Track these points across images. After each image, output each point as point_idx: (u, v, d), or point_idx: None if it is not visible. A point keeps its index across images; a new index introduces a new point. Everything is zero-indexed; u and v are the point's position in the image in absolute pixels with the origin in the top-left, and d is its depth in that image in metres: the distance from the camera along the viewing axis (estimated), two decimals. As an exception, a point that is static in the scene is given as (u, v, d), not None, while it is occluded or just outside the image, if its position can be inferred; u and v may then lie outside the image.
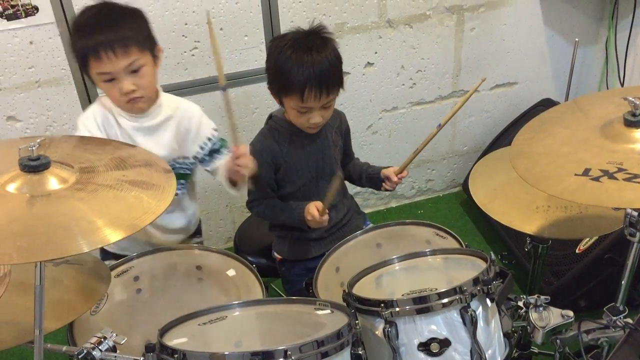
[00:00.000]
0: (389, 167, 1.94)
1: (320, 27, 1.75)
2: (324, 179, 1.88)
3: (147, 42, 1.69)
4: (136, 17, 1.69)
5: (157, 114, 1.77)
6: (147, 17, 1.72)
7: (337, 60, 1.74)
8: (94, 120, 1.74)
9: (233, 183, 1.77)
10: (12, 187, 1.15)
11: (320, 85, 1.66)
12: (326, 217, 1.76)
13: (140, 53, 1.65)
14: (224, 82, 1.64)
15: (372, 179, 1.97)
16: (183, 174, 1.87)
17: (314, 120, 1.73)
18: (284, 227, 1.91)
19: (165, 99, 1.81)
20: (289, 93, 1.70)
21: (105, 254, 1.91)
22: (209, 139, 1.83)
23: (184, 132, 1.81)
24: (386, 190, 1.97)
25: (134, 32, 1.65)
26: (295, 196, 1.85)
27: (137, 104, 1.70)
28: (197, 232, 2.08)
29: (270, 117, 1.89)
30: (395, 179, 1.89)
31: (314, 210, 1.75)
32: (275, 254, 1.98)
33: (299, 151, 1.82)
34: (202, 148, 1.82)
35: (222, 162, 1.82)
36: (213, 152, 1.83)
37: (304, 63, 1.65)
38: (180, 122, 1.80)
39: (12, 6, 2.12)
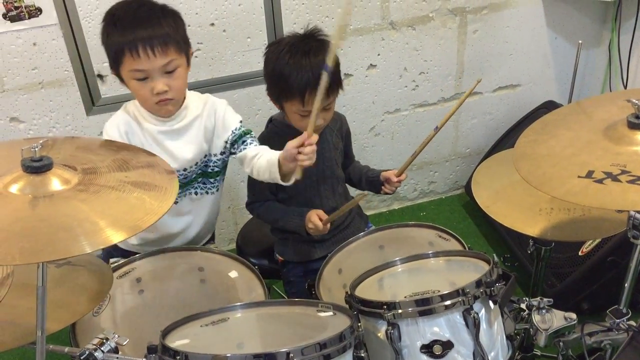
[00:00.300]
0: (388, 170, 1.94)
1: (315, 30, 1.76)
2: (325, 181, 1.89)
3: (185, 44, 1.69)
4: (176, 17, 1.68)
5: (184, 116, 1.75)
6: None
7: (335, 62, 1.74)
8: (117, 129, 1.72)
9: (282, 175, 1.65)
10: (14, 188, 1.15)
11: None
12: (328, 226, 1.76)
13: (177, 54, 1.64)
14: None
15: (372, 182, 1.97)
16: (217, 172, 1.86)
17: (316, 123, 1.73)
18: (286, 229, 1.91)
19: (191, 99, 1.78)
20: (289, 98, 1.70)
21: (114, 249, 1.88)
22: (233, 132, 1.80)
23: (211, 128, 1.79)
24: (386, 193, 1.96)
25: (174, 32, 1.64)
26: (296, 199, 1.85)
27: (167, 106, 1.68)
28: (212, 238, 2.07)
29: (271, 120, 1.89)
30: (395, 179, 1.89)
31: (315, 219, 1.75)
32: (277, 255, 1.98)
33: None
34: (226, 141, 1.80)
35: (251, 151, 1.76)
36: (235, 143, 1.80)
37: (302, 67, 1.66)
38: (208, 119, 1.78)
39: (16, 7, 2.13)
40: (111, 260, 1.82)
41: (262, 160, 1.71)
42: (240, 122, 1.82)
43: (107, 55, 1.66)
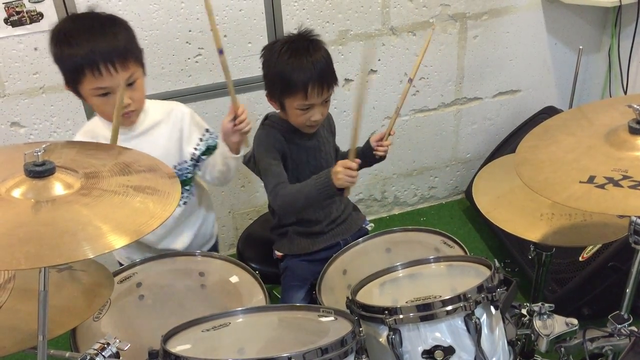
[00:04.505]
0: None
1: (307, 31, 1.81)
2: None
3: (139, 53, 1.66)
4: (127, 27, 1.65)
5: (142, 121, 1.74)
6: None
7: (330, 58, 1.80)
8: (83, 138, 1.74)
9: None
10: (17, 193, 1.14)
11: (322, 81, 1.72)
12: (355, 164, 1.67)
13: (135, 65, 1.62)
14: (220, 45, 1.62)
15: (363, 152, 1.99)
16: (186, 180, 1.84)
17: (315, 118, 1.77)
18: (284, 224, 1.92)
19: (152, 105, 1.78)
20: (292, 93, 1.73)
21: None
22: (200, 139, 1.81)
23: (178, 134, 1.79)
24: (380, 158, 1.96)
25: (130, 43, 1.61)
26: None
27: (130, 118, 1.68)
28: (214, 248, 2.05)
29: (267, 117, 1.90)
30: (392, 132, 1.92)
31: (340, 165, 1.66)
32: (276, 252, 1.97)
33: (298, 149, 1.84)
34: (195, 148, 1.81)
35: (210, 158, 1.83)
36: (208, 150, 1.82)
37: (304, 64, 1.71)
38: (174, 124, 1.78)
39: (17, 12, 2.13)
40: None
41: (211, 158, 1.81)
42: (207, 130, 1.83)
43: (63, 73, 1.62)
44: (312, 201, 1.77)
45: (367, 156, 2.00)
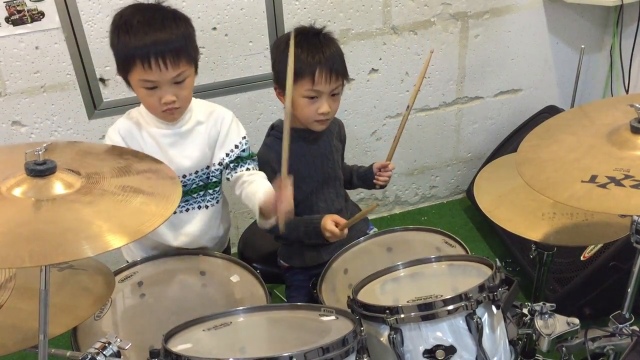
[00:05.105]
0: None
1: (321, 27, 1.80)
2: (329, 184, 1.89)
3: (194, 52, 1.65)
4: (187, 25, 1.63)
5: (188, 119, 1.72)
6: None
7: (341, 51, 1.79)
8: (117, 134, 1.71)
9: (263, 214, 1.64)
10: (18, 191, 1.15)
11: (330, 68, 1.71)
12: (346, 231, 1.73)
13: (187, 65, 1.61)
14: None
15: (363, 176, 2.00)
16: (215, 182, 1.82)
17: (323, 110, 1.73)
18: (304, 239, 1.88)
19: (197, 104, 1.76)
20: (299, 78, 1.70)
21: None
22: (236, 146, 1.77)
23: (215, 138, 1.76)
24: (380, 186, 1.97)
25: (186, 42, 1.60)
26: (303, 204, 1.84)
27: (173, 114, 1.66)
28: (227, 250, 2.03)
29: (272, 127, 1.88)
30: (389, 166, 1.94)
31: (331, 226, 1.71)
32: (282, 262, 1.97)
33: (304, 157, 1.82)
34: (227, 155, 1.77)
35: (247, 174, 1.75)
36: (238, 160, 1.77)
37: (314, 49, 1.70)
38: (213, 128, 1.75)
39: (19, 11, 2.13)
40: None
41: (253, 187, 1.70)
42: (244, 138, 1.79)
43: (116, 59, 1.62)
44: (308, 239, 1.82)
45: (367, 182, 2.01)
